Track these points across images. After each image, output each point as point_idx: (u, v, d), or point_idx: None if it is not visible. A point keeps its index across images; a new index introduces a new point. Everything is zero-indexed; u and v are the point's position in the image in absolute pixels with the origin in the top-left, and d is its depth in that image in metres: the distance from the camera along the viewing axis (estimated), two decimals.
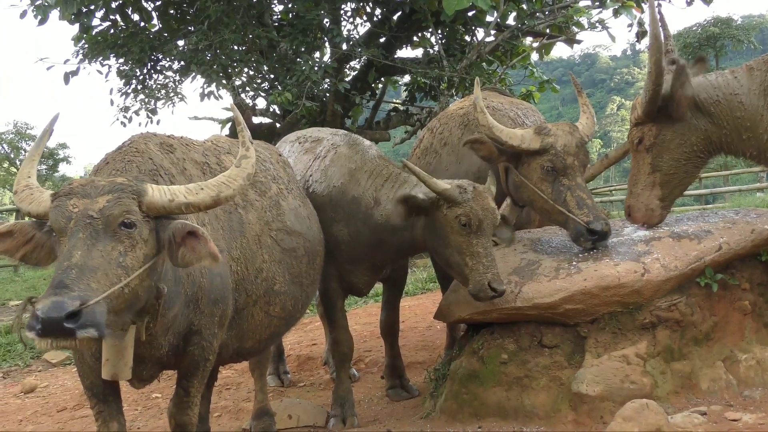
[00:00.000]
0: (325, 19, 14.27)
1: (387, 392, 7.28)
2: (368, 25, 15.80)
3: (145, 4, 15.50)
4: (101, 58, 15.25)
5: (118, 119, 15.45)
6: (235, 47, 13.98)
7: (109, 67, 15.46)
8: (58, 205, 3.73)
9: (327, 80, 14.09)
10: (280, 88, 13.47)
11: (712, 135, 5.56)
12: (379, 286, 7.83)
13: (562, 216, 5.85)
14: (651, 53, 5.43)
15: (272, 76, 14.54)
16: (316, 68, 13.48)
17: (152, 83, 15.57)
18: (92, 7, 15.09)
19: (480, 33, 15.40)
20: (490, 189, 5.98)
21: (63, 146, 51.05)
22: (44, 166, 48.56)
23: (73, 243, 3.57)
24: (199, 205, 3.96)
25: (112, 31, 15.30)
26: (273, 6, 15.69)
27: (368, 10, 15.68)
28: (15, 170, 46.30)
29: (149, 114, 15.48)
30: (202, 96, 15.58)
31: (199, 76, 14.83)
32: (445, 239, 5.86)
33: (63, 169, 53.77)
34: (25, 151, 48.42)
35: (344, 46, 14.41)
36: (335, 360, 6.97)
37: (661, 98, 5.44)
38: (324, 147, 6.88)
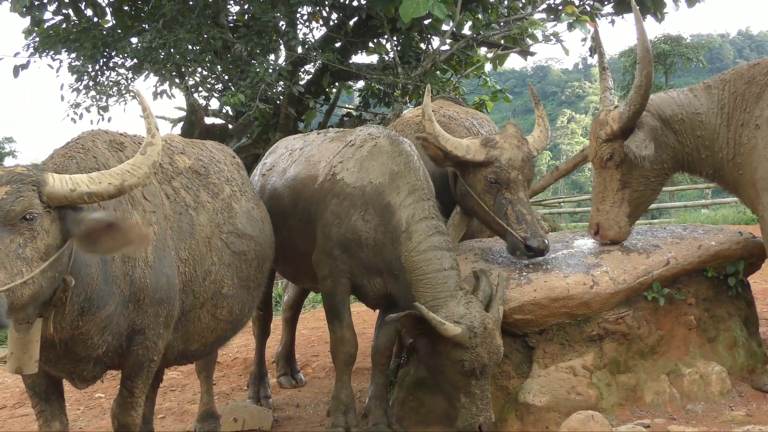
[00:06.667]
0: (281, 22, 14.23)
1: (371, 429, 6.09)
2: (324, 29, 15.76)
3: None
4: (52, 52, 15.03)
5: (68, 115, 15.20)
6: (190, 47, 13.84)
7: (61, 62, 15.22)
8: None
9: (281, 83, 14.03)
10: (233, 89, 13.40)
11: (678, 152, 5.65)
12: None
13: (502, 228, 5.86)
14: (642, 66, 5.42)
15: (226, 77, 14.46)
16: (270, 70, 13.44)
17: (104, 80, 15.34)
18: (44, 1, 14.91)
19: (435, 41, 15.43)
20: (498, 318, 5.45)
21: (9, 140, 49.98)
22: None
23: None
24: (102, 194, 3.85)
25: (64, 25, 15.08)
26: (229, 7, 15.62)
27: (325, 14, 15.63)
28: None
29: (100, 111, 15.24)
30: (155, 95, 15.43)
31: (152, 75, 14.68)
32: (442, 369, 5.44)
33: (9, 163, 52.69)
34: None
35: (299, 50, 14.35)
36: (339, 361, 6.20)
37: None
38: (358, 136, 6.32)
